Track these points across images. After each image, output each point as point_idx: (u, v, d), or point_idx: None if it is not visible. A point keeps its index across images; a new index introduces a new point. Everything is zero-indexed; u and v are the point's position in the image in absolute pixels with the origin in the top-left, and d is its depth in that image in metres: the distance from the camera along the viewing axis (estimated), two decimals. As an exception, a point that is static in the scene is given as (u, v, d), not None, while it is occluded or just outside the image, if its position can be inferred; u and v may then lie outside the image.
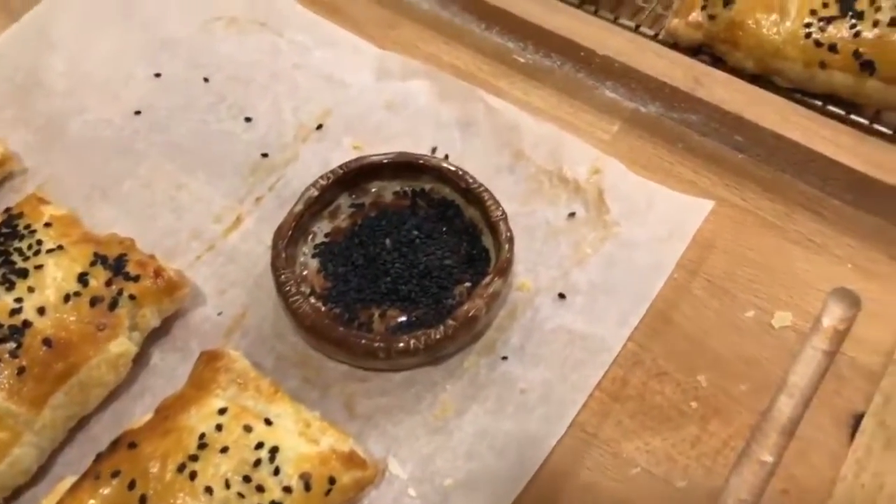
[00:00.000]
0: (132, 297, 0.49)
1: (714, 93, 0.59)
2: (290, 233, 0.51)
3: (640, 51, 0.62)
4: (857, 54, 0.59)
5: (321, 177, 0.54)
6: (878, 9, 0.59)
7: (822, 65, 0.60)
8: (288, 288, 0.49)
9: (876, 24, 0.59)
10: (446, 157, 0.59)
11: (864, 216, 0.56)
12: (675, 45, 0.66)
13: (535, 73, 0.65)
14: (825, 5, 0.60)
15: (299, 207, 0.53)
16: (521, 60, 0.66)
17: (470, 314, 0.48)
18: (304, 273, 0.53)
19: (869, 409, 0.48)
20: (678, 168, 0.59)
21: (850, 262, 0.54)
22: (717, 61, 0.65)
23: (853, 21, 0.59)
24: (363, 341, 0.47)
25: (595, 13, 0.69)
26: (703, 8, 0.64)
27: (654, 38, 0.67)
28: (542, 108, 0.63)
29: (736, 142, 0.59)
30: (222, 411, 0.43)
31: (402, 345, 0.47)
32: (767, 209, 0.57)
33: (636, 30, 0.68)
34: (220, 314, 0.53)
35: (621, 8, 0.71)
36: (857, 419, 0.48)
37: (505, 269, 0.50)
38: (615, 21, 0.69)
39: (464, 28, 0.68)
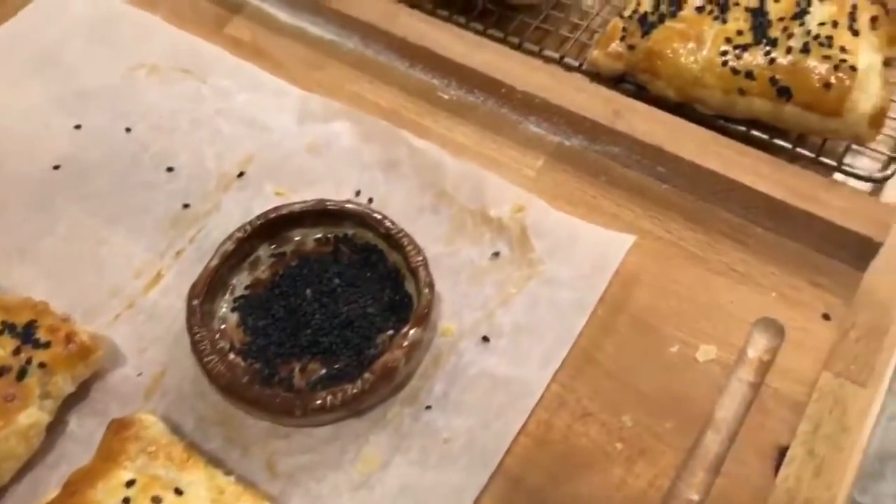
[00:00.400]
0: (42, 365, 0.48)
1: (633, 125, 0.59)
2: (204, 290, 0.50)
3: (560, 85, 0.62)
4: (773, 80, 0.59)
5: (238, 229, 0.54)
6: (790, 35, 0.60)
7: (741, 92, 0.60)
8: (202, 347, 0.48)
9: (789, 50, 0.59)
10: (370, 200, 0.59)
11: (786, 243, 0.56)
12: (598, 75, 0.66)
13: (459, 110, 0.65)
14: (740, 33, 0.61)
15: (215, 262, 0.52)
16: (446, 97, 0.66)
17: (388, 366, 0.47)
18: (224, 327, 0.52)
19: (797, 437, 0.48)
20: (602, 201, 0.59)
21: (774, 290, 0.54)
22: (642, 90, 0.65)
23: (767, 48, 0.60)
24: (278, 400, 0.46)
25: (519, 46, 0.69)
26: (623, 38, 0.65)
27: (579, 68, 0.68)
28: (466, 144, 0.63)
29: (658, 173, 0.59)
30: (130, 483, 0.42)
31: (318, 402, 0.46)
32: (691, 240, 0.57)
33: (560, 61, 0.68)
34: (139, 374, 0.52)
35: (547, 39, 0.71)
36: (782, 452, 0.48)
37: (424, 318, 0.49)
38: (539, 52, 0.69)
39: (388, 66, 0.68)
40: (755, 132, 0.62)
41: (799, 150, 0.61)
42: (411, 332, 0.48)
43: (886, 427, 1.42)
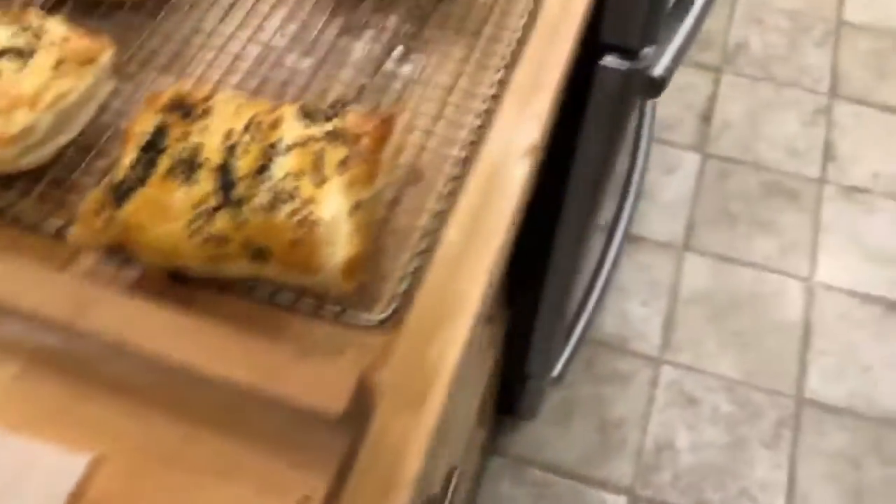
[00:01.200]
0: None
1: (99, 320, 0.54)
2: None
3: (15, 280, 0.55)
4: (246, 243, 0.56)
5: None
6: (256, 193, 0.57)
7: (221, 258, 0.57)
8: None
9: (256, 209, 0.56)
10: None
11: (267, 425, 0.53)
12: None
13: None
14: (208, 197, 0.57)
15: None
16: None
17: None
18: None
19: None
20: (80, 408, 0.53)
21: (254, 480, 0.51)
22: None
23: (235, 210, 0.57)
24: None
25: (14, 219, 0.62)
26: (101, 212, 0.59)
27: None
28: (-74, 364, 0.55)
29: (134, 368, 0.54)
30: None
31: None
32: (172, 438, 0.52)
33: (61, 231, 0.62)
34: None
35: (57, 208, 0.64)
36: None
37: None
38: (36, 226, 0.62)
39: None
40: (258, 290, 0.59)
41: (298, 303, 0.59)
42: None
43: (658, 420, 1.48)
